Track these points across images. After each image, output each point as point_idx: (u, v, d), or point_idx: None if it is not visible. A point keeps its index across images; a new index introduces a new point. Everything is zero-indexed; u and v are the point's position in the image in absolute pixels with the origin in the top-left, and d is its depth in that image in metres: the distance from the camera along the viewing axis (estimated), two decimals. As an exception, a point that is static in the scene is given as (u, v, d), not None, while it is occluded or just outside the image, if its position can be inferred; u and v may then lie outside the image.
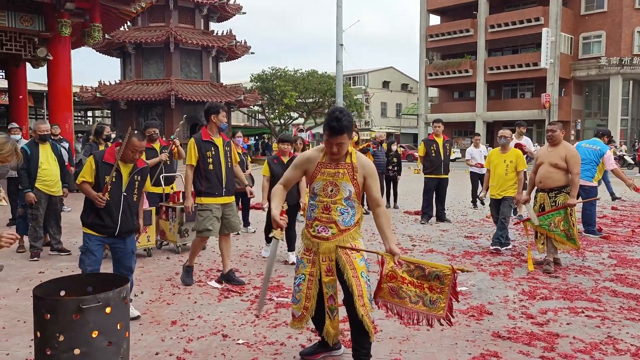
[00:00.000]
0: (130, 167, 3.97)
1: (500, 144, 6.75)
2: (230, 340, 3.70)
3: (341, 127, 2.99)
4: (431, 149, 8.90)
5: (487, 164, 6.86)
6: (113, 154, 3.94)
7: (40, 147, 6.17)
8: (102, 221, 3.89)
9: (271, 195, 3.30)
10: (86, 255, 3.91)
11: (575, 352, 3.43)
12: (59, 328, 2.73)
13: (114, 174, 3.87)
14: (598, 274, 5.48)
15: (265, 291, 3.42)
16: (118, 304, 2.89)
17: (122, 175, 3.94)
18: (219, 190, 5.02)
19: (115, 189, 3.90)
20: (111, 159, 3.92)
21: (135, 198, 4.03)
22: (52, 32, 12.82)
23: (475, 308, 4.35)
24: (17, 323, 4.04)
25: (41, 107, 26.94)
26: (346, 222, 3.14)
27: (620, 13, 34.39)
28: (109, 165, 3.89)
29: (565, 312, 4.24)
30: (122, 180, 3.94)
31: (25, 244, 6.53)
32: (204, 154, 4.95)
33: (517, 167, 6.46)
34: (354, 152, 3.17)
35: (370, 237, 7.54)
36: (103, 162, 3.91)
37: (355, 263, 3.12)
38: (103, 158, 3.92)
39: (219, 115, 4.98)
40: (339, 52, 20.29)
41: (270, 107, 35.98)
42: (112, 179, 3.86)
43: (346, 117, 3.02)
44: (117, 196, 3.90)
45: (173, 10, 23.95)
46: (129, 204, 3.98)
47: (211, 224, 5.00)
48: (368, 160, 3.24)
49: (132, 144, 3.84)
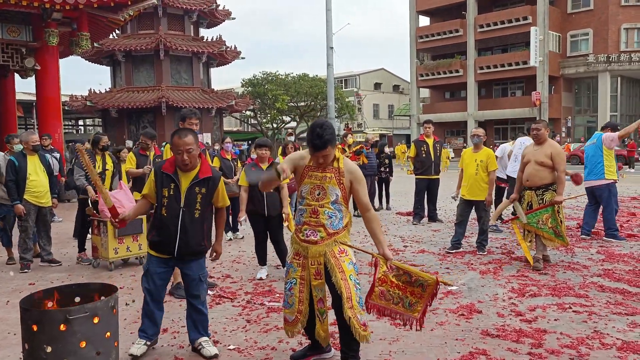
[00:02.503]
0: (190, 177, 3.45)
1: (473, 143, 6.71)
2: (222, 346, 3.71)
3: (323, 143, 3.05)
4: (422, 150, 8.93)
5: (460, 163, 6.85)
6: (173, 162, 3.48)
7: (29, 158, 6.17)
8: (159, 238, 3.48)
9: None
10: (146, 277, 3.55)
11: (562, 348, 3.47)
12: (46, 339, 2.74)
13: (172, 185, 3.43)
14: (586, 269, 5.54)
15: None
16: (106, 314, 2.91)
17: (181, 187, 3.43)
18: None
19: (173, 203, 3.43)
20: (170, 169, 3.47)
21: (197, 214, 3.46)
22: (39, 42, 12.79)
23: (465, 307, 4.39)
24: (7, 335, 4.03)
25: (30, 117, 26.82)
26: (334, 225, 3.16)
27: (607, 10, 34.74)
28: (168, 177, 3.44)
29: (554, 309, 4.28)
30: (180, 193, 3.43)
31: (15, 255, 6.51)
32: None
33: (488, 167, 6.39)
34: (341, 158, 3.21)
35: (362, 240, 7.57)
36: (162, 173, 3.46)
37: (344, 266, 3.15)
38: (162, 168, 3.48)
39: (185, 123, 4.84)
40: (330, 55, 20.35)
41: (262, 112, 36.00)
42: (170, 192, 3.42)
43: (327, 132, 3.06)
44: (174, 212, 3.42)
45: (162, 17, 23.93)
46: (190, 221, 3.44)
47: None
48: (355, 166, 3.27)
49: (173, 143, 3.38)
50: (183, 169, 3.42)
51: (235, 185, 7.90)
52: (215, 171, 3.59)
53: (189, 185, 3.41)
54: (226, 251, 7.07)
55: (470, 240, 7.24)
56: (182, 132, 3.38)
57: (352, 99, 43.73)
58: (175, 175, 3.40)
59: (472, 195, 6.45)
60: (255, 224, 5.65)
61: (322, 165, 3.17)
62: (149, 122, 23.59)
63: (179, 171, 3.42)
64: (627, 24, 34.75)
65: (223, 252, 6.88)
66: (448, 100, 43.71)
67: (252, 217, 5.62)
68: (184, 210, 3.41)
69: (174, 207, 3.40)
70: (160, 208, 3.43)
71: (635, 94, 38.56)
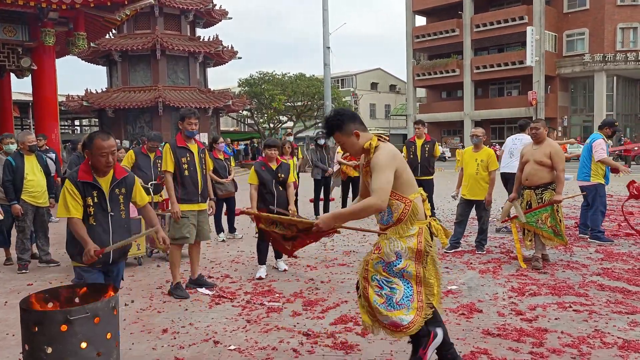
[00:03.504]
0: (108, 180, 3.33)
1: (473, 143, 6.67)
2: (222, 347, 3.69)
3: (329, 128, 3.05)
4: (410, 150, 8.85)
5: (461, 162, 6.83)
6: (89, 169, 3.29)
7: (26, 158, 6.14)
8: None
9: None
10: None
11: (563, 347, 3.47)
12: (47, 340, 2.71)
13: (95, 192, 3.27)
14: (585, 268, 5.54)
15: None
16: (107, 314, 2.89)
17: (104, 192, 3.30)
18: (195, 197, 5.01)
19: (99, 210, 3.30)
20: (87, 177, 3.27)
21: (123, 215, 3.41)
22: (35, 42, 12.73)
23: (465, 306, 4.38)
24: (6, 336, 4.01)
25: (27, 117, 26.72)
26: (384, 220, 3.04)
27: (603, 10, 34.87)
28: (89, 185, 3.26)
29: (554, 308, 4.29)
30: (105, 198, 3.30)
31: (13, 256, 6.48)
32: (179, 159, 4.94)
33: (489, 167, 6.37)
34: (372, 148, 2.97)
35: (361, 239, 7.57)
36: (80, 182, 3.24)
37: (370, 264, 3.03)
38: (79, 178, 3.25)
39: (184, 123, 4.96)
40: (326, 55, 20.39)
41: (259, 112, 35.96)
42: (94, 199, 3.27)
43: (332, 117, 3.04)
44: (104, 218, 3.31)
45: (159, 17, 23.88)
46: (119, 224, 3.37)
47: (188, 231, 4.98)
48: (377, 154, 2.94)
49: (96, 146, 3.22)
50: (105, 172, 3.30)
51: (231, 185, 7.90)
52: (128, 170, 3.58)
53: (110, 188, 3.32)
54: (225, 251, 7.06)
55: (469, 239, 7.23)
56: (103, 135, 3.29)
57: (348, 99, 43.76)
58: (95, 182, 3.27)
59: (472, 194, 6.45)
60: None
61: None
62: (145, 122, 23.55)
63: (96, 177, 3.29)
64: (623, 23, 34.89)
65: (222, 252, 6.93)
66: (444, 100, 43.79)
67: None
68: (112, 214, 3.33)
69: (102, 213, 3.30)
70: (88, 218, 3.26)
71: (631, 93, 38.73)
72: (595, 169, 6.97)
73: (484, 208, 6.46)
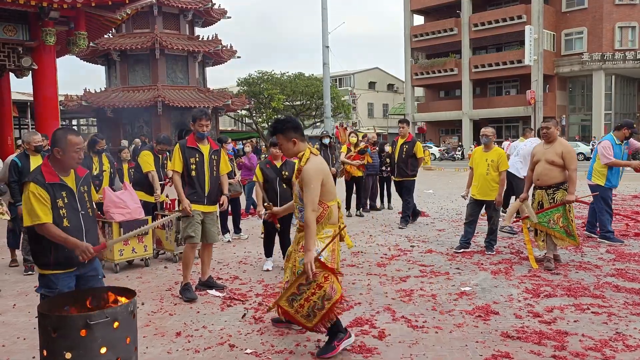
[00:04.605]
0: (72, 179, 3.22)
1: (483, 143, 6.58)
2: (238, 350, 3.64)
3: (274, 129, 3.63)
4: (393, 150, 8.73)
5: (471, 162, 6.77)
6: (52, 170, 3.15)
7: (32, 158, 6.05)
8: (66, 252, 3.14)
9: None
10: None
11: (586, 350, 3.43)
12: (66, 345, 2.66)
13: (64, 193, 3.15)
14: (598, 269, 5.51)
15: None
16: (126, 318, 2.83)
17: (73, 191, 3.20)
18: (201, 199, 4.92)
19: (71, 210, 3.17)
20: (54, 178, 3.13)
21: (91, 212, 3.31)
22: (36, 41, 12.60)
23: (481, 308, 4.34)
24: (17, 340, 3.94)
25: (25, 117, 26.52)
26: (303, 218, 3.49)
27: (601, 9, 34.92)
28: (58, 185, 3.14)
29: (571, 310, 4.24)
30: (75, 198, 3.19)
31: (18, 257, 6.40)
32: (187, 160, 4.87)
33: (499, 167, 6.30)
34: (304, 158, 3.50)
35: (368, 239, 7.52)
36: (49, 184, 3.09)
37: (297, 260, 3.56)
38: (46, 180, 3.09)
39: (196, 124, 4.89)
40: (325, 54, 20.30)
41: (258, 111, 35.88)
42: (65, 200, 3.14)
43: (280, 122, 3.61)
44: (76, 218, 3.19)
45: (157, 16, 23.79)
46: (89, 222, 3.27)
47: (193, 230, 4.88)
48: (307, 167, 3.44)
49: (70, 142, 3.12)
50: (69, 171, 3.21)
51: (238, 185, 7.86)
52: (87, 169, 3.47)
53: (76, 187, 3.22)
54: (231, 252, 7.00)
55: (477, 239, 7.19)
56: (71, 131, 3.24)
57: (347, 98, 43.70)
58: (62, 182, 3.15)
59: (482, 195, 6.39)
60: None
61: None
62: (144, 121, 23.47)
63: (61, 176, 3.16)
64: (622, 22, 34.95)
65: (228, 253, 6.87)
66: (443, 99, 43.79)
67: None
68: (83, 213, 3.22)
69: (74, 213, 3.17)
70: (62, 220, 3.12)
71: (629, 92, 38.80)
72: (596, 170, 6.91)
73: (495, 208, 6.41)
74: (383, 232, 8.13)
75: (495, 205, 6.38)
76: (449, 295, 4.75)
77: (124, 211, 6.04)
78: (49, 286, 3.18)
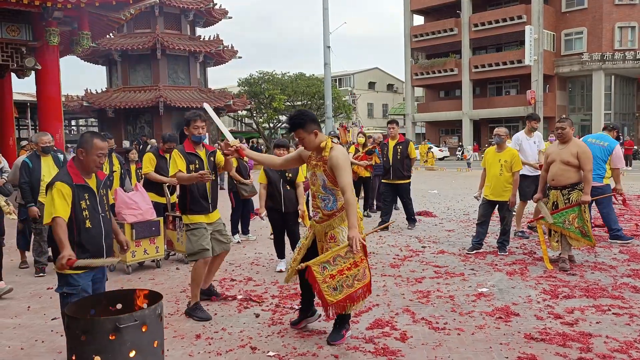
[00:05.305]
0: (94, 182, 3.32)
1: (495, 143, 6.51)
2: (260, 353, 3.60)
3: (293, 125, 3.61)
4: (383, 152, 8.54)
5: (483, 162, 6.71)
6: (78, 172, 3.25)
7: (42, 159, 6.02)
8: (87, 254, 3.21)
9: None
10: (78, 296, 3.18)
11: (612, 352, 3.41)
12: (95, 349, 2.64)
13: (87, 195, 3.23)
14: (614, 269, 5.49)
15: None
16: (154, 322, 2.81)
17: (95, 193, 3.29)
18: (204, 208, 4.52)
19: (93, 212, 3.25)
20: (80, 179, 3.23)
21: (109, 215, 3.42)
22: (40, 42, 12.54)
23: (500, 309, 4.31)
24: (35, 343, 3.90)
25: (25, 118, 26.43)
26: (328, 207, 3.64)
27: (601, 9, 34.97)
28: (82, 187, 3.23)
29: (592, 311, 4.22)
30: (96, 200, 3.28)
31: (29, 259, 6.36)
32: (187, 166, 4.45)
33: (513, 168, 6.24)
34: (328, 147, 3.59)
35: (378, 240, 7.49)
36: (75, 185, 3.19)
37: (326, 254, 3.58)
38: (74, 181, 3.19)
39: (190, 127, 4.49)
40: (326, 54, 20.27)
41: (259, 111, 35.84)
42: (87, 202, 3.22)
43: (296, 116, 3.63)
44: (97, 220, 3.27)
45: (159, 16, 23.69)
46: (108, 225, 3.37)
47: (207, 242, 4.47)
48: (337, 154, 3.53)
49: (95, 146, 3.21)
50: (91, 174, 3.30)
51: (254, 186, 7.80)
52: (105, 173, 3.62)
53: (97, 190, 3.31)
54: (242, 253, 6.97)
55: (488, 240, 7.16)
56: (99, 135, 3.32)
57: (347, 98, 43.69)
58: (86, 184, 3.24)
59: (495, 195, 6.36)
60: (273, 219, 5.91)
61: (307, 149, 3.70)
62: (146, 122, 23.40)
63: (85, 178, 3.25)
64: (621, 22, 35.00)
65: (239, 254, 6.83)
66: (443, 99, 43.79)
67: (270, 213, 5.88)
68: (102, 216, 3.31)
69: (95, 215, 3.26)
70: (84, 221, 3.20)
71: (629, 92, 38.87)
72: (609, 171, 6.91)
73: (508, 209, 6.39)
74: (392, 233, 8.10)
75: (508, 206, 6.36)
76: (467, 297, 4.73)
77: (136, 212, 6.01)
78: (70, 284, 3.22)
